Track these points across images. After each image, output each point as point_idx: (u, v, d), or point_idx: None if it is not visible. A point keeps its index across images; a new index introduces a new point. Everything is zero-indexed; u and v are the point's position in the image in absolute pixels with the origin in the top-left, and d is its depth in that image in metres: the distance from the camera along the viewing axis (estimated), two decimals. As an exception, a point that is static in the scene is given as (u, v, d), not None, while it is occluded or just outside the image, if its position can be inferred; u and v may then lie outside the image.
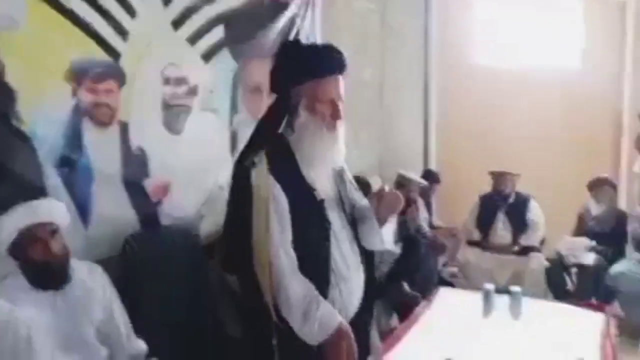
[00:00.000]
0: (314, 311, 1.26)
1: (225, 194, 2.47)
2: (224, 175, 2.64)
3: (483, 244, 3.63)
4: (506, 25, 4.58)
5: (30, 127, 1.78)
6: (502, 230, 3.61)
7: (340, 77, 1.38)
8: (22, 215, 1.49)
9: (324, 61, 1.36)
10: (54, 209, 1.58)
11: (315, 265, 1.34)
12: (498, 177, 3.61)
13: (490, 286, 2.29)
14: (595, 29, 4.83)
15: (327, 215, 1.38)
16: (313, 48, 1.44)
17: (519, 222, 3.57)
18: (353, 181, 1.59)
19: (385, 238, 1.52)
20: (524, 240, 3.53)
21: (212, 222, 2.42)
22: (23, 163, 1.76)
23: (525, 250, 3.50)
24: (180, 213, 2.37)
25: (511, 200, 3.60)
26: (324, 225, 1.38)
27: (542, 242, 3.62)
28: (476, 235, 3.68)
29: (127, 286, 1.95)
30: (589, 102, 4.69)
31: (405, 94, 4.21)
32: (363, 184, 3.08)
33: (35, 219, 1.50)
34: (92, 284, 1.64)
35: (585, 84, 4.70)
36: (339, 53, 1.38)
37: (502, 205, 3.60)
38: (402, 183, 3.46)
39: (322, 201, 1.38)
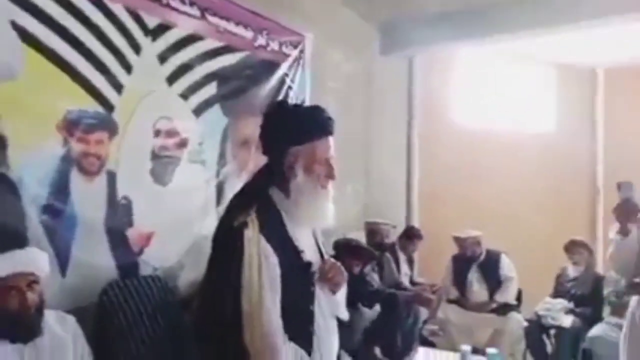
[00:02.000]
0: None
1: (207, 245, 2.52)
2: (208, 226, 2.67)
3: (462, 302, 3.65)
4: (485, 88, 4.86)
5: (17, 173, 1.81)
6: (477, 288, 3.64)
7: (331, 138, 1.41)
8: (3, 264, 1.50)
9: (321, 123, 1.38)
10: (36, 260, 1.59)
11: (300, 330, 1.31)
12: (460, 240, 3.69)
13: (467, 348, 2.30)
14: (568, 93, 5.16)
15: (313, 278, 1.36)
16: (308, 110, 1.44)
17: (493, 278, 3.61)
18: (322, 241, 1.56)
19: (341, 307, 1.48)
20: (500, 297, 3.57)
21: (192, 272, 2.42)
22: (6, 209, 1.78)
23: (505, 310, 3.52)
24: (161, 263, 2.37)
25: (482, 258, 3.66)
26: (310, 289, 1.35)
27: (520, 300, 3.65)
28: (453, 293, 3.71)
29: (102, 336, 1.92)
30: (564, 163, 4.91)
31: (389, 150, 4.35)
32: (366, 253, 3.10)
33: (16, 269, 1.51)
34: (63, 335, 1.62)
35: (559, 145, 4.94)
36: (330, 115, 1.41)
37: (474, 264, 3.66)
38: (373, 229, 3.52)
39: (309, 264, 1.36)
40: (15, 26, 1.79)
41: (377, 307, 3.15)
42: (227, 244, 1.29)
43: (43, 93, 1.89)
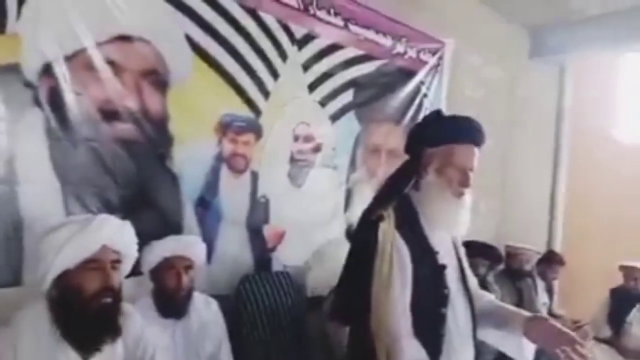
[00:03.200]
0: None
1: (333, 249, 2.57)
2: (335, 230, 2.73)
3: (615, 344, 3.14)
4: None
5: (178, 168, 2.05)
6: (638, 331, 3.09)
7: (476, 150, 1.37)
8: (170, 246, 1.71)
9: (462, 129, 1.38)
10: (196, 247, 1.78)
11: (429, 332, 1.29)
12: (628, 271, 3.14)
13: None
14: None
15: (446, 281, 1.35)
16: (454, 117, 1.45)
17: (661, 325, 3.04)
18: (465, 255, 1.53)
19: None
20: (667, 347, 2.99)
21: (318, 275, 2.48)
22: (169, 199, 2.03)
23: (672, 362, 2.95)
24: (291, 261, 2.48)
25: (650, 298, 3.10)
26: (443, 291, 1.33)
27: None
28: (606, 332, 3.21)
29: (236, 323, 2.07)
30: None
31: (531, 166, 3.97)
32: (494, 254, 2.94)
33: (178, 252, 1.70)
34: (208, 317, 1.78)
35: None
36: (480, 126, 1.40)
37: (639, 303, 3.11)
38: (512, 254, 3.22)
39: (443, 266, 1.35)
40: (188, 38, 2.04)
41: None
42: (363, 235, 1.36)
43: (205, 97, 2.11)
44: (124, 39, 1.84)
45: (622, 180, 3.97)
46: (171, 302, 1.69)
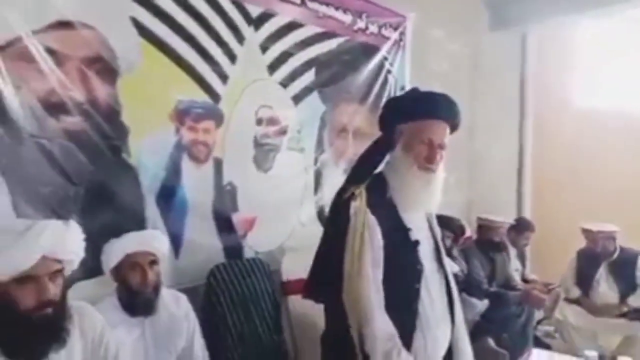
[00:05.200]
0: (394, 358, 1.23)
1: (307, 232, 2.54)
2: (307, 212, 2.70)
3: (584, 303, 3.24)
4: (614, 64, 4.22)
5: (136, 159, 1.96)
6: (605, 289, 3.20)
7: (447, 127, 1.38)
8: (131, 242, 1.63)
9: (432, 105, 1.38)
10: (158, 241, 1.70)
11: (402, 308, 1.30)
12: (590, 234, 3.23)
13: (592, 353, 2.03)
14: None
15: (420, 257, 1.35)
16: (428, 93, 1.44)
17: (627, 280, 3.14)
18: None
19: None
20: (634, 301, 3.09)
21: (292, 259, 2.45)
22: (128, 193, 1.94)
23: (639, 315, 3.05)
24: (263, 247, 2.43)
25: (615, 256, 3.19)
26: (416, 267, 1.34)
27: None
28: (575, 292, 3.31)
29: (209, 315, 2.02)
30: None
31: (497, 137, 4.01)
32: (456, 226, 2.97)
33: (141, 247, 1.62)
34: (178, 313, 1.72)
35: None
36: (452, 103, 1.39)
37: (604, 262, 3.21)
38: (483, 226, 3.26)
39: (416, 242, 1.36)
40: (135, 22, 1.93)
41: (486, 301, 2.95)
42: (336, 214, 1.38)
43: (157, 84, 2.01)
44: (64, 25, 1.72)
45: (584, 144, 4.06)
46: (137, 300, 1.61)
